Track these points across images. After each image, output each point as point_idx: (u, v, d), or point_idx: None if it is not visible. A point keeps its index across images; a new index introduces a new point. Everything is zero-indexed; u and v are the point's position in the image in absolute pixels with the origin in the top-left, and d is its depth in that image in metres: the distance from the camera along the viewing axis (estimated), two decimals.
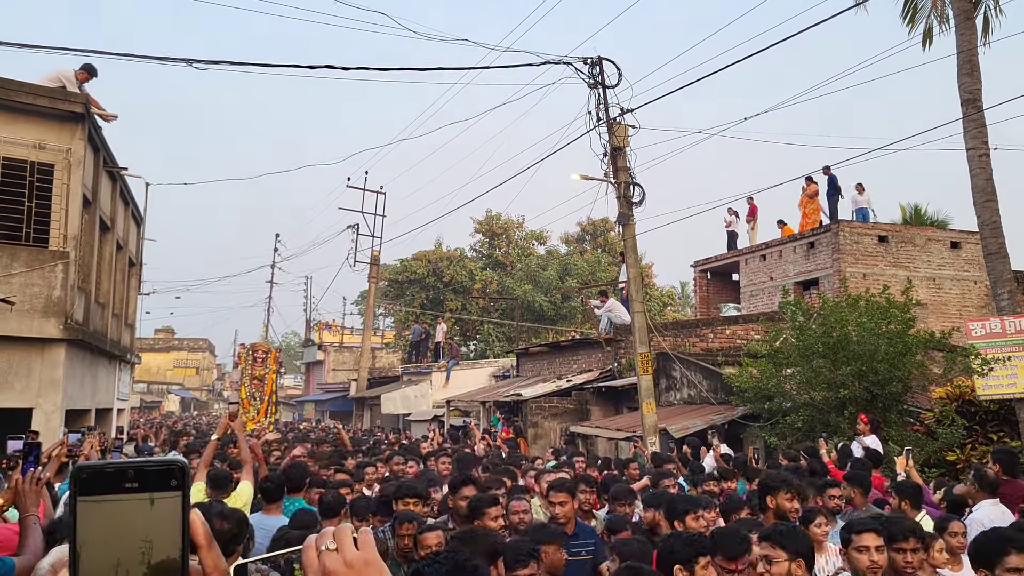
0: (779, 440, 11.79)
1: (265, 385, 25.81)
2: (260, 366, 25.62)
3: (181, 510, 0.97)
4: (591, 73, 14.40)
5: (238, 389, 25.95)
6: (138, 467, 0.97)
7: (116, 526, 0.95)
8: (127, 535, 0.95)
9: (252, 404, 25.47)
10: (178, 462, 1.00)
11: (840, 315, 11.74)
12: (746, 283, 23.04)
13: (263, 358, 25.98)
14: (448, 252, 44.07)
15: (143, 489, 0.96)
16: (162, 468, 0.98)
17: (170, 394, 62.79)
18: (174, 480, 0.98)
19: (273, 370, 26.44)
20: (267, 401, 25.79)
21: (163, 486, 0.97)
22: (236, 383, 27.34)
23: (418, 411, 26.81)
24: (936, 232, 20.80)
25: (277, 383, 27.48)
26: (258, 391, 25.61)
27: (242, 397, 25.27)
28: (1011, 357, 10.52)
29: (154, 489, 0.97)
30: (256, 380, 25.61)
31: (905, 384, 11.46)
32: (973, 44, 12.10)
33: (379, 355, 43.30)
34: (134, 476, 0.96)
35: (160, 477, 0.97)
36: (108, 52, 12.69)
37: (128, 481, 0.96)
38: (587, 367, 20.10)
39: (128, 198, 19.02)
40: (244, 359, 26.01)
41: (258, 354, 26.06)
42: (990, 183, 11.54)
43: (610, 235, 44.58)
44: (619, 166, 14.20)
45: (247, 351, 26.25)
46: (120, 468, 0.97)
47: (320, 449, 13.08)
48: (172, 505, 0.97)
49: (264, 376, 25.67)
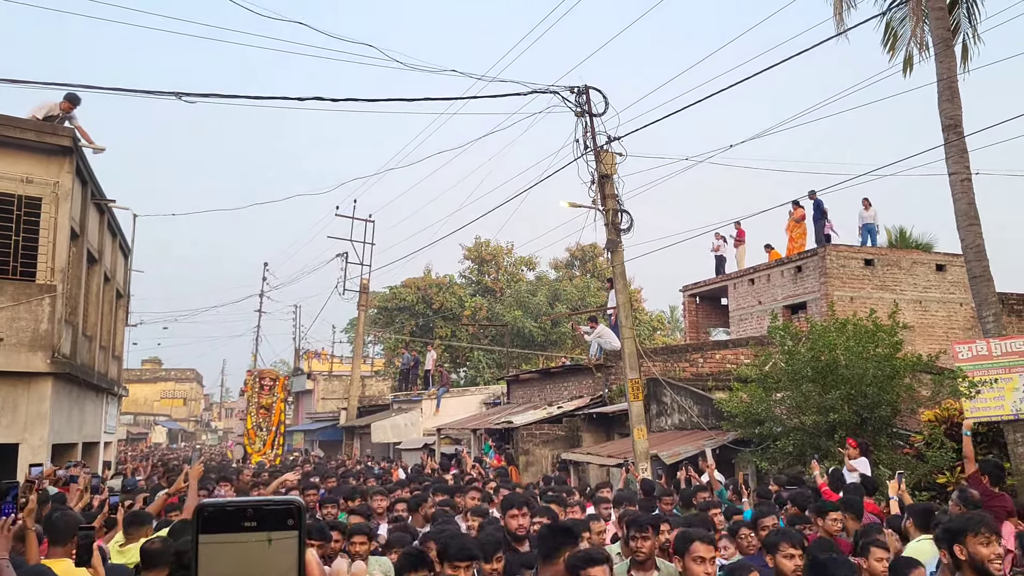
0: (770, 465, 11.79)
1: (273, 414, 25.24)
2: (267, 394, 25.04)
3: (297, 549, 1.00)
4: (578, 102, 14.53)
5: (243, 418, 25.29)
6: (257, 506, 1.00)
7: (235, 564, 0.97)
8: (245, 572, 0.97)
9: (258, 435, 24.93)
10: (295, 502, 1.02)
11: (828, 339, 11.79)
12: (735, 307, 23.13)
13: (271, 385, 25.40)
14: (437, 279, 44.10)
15: (261, 528, 0.99)
16: (280, 507, 1.01)
17: (157, 425, 62.29)
18: (291, 519, 1.01)
19: (281, 398, 25.66)
20: (274, 432, 25.18)
21: (280, 525, 1.00)
22: (242, 412, 26.38)
23: (408, 439, 26.64)
24: (921, 255, 20.97)
25: (286, 412, 26.49)
26: (265, 420, 25.00)
27: (248, 427, 24.71)
28: (998, 379, 10.58)
29: (272, 528, 0.99)
30: (263, 409, 25.01)
31: (894, 407, 11.50)
32: (953, 71, 12.29)
33: (369, 383, 43.13)
34: (253, 515, 0.99)
35: (278, 516, 1.00)
36: (97, 86, 12.74)
37: (247, 520, 0.99)
38: (578, 393, 20.08)
39: (115, 230, 19.00)
40: (251, 387, 25.30)
41: (265, 381, 25.43)
42: (973, 207, 11.67)
43: (599, 260, 44.73)
44: (607, 193, 14.29)
45: (254, 378, 25.50)
46: (240, 507, 1.00)
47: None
48: (289, 544, 1.00)
49: (272, 405, 25.13)
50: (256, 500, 1.02)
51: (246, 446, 24.83)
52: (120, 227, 19.49)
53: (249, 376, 26.17)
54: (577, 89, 14.60)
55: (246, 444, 24.88)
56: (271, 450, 24.72)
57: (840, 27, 13.53)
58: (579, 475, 16.74)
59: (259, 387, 25.50)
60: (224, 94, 13.66)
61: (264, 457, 23.09)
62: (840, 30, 13.46)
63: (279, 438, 25.92)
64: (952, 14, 13.37)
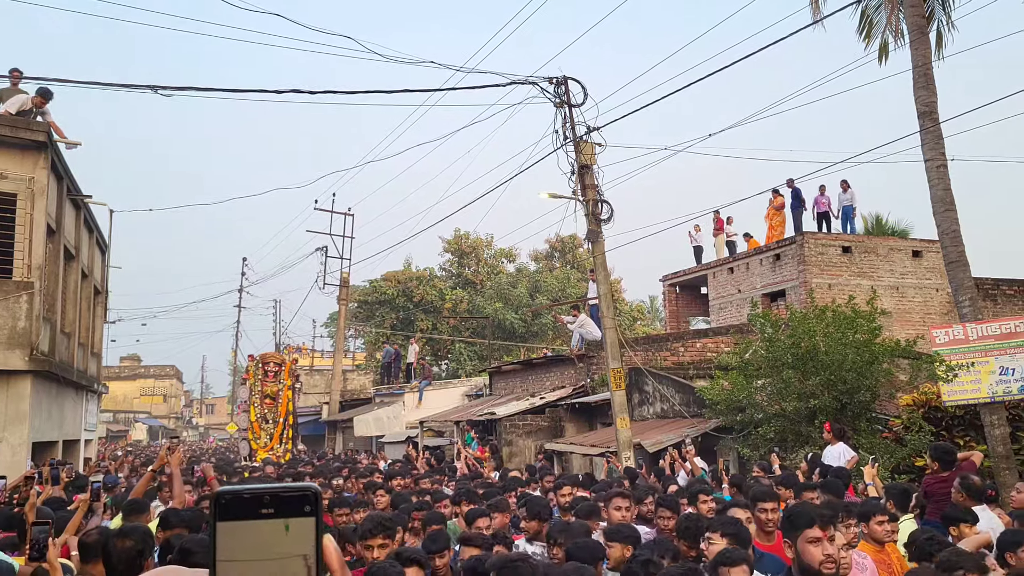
0: (751, 451, 11.90)
1: (279, 404, 22.32)
2: (272, 381, 22.19)
3: (315, 535, 1.01)
4: (557, 92, 14.54)
5: (247, 410, 22.45)
6: (274, 493, 1.01)
7: (253, 549, 0.98)
8: (263, 558, 0.98)
9: (263, 428, 21.99)
10: (312, 488, 1.03)
11: (808, 326, 11.90)
12: (715, 296, 23.27)
13: (276, 371, 22.49)
14: (418, 272, 44.02)
15: (279, 514, 1.00)
16: (297, 494, 1.02)
17: (137, 423, 61.80)
18: (308, 506, 1.01)
19: (288, 385, 22.73)
20: (282, 423, 22.24)
21: (298, 511, 1.01)
22: (244, 403, 22.87)
23: (391, 433, 26.60)
24: (898, 242, 21.18)
25: (295, 400, 23.46)
26: (271, 411, 22.11)
27: (251, 420, 22.08)
28: (974, 363, 10.73)
29: (289, 514, 1.00)
30: (268, 399, 22.14)
31: (873, 392, 11.64)
32: (928, 58, 12.40)
33: (351, 377, 43.01)
34: (270, 501, 1.00)
35: (295, 503, 1.01)
36: (72, 80, 12.60)
37: (264, 507, 1.00)
38: (560, 384, 20.14)
39: (92, 226, 18.81)
40: (252, 374, 22.51)
41: (269, 367, 22.52)
42: (948, 193, 11.80)
43: (579, 251, 44.81)
44: (587, 184, 14.32)
45: (256, 364, 22.71)
46: (257, 494, 1.01)
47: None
48: (306, 530, 1.01)
49: (278, 393, 22.26)
50: (273, 487, 1.03)
51: (251, 441, 22.08)
52: (97, 223, 19.30)
53: (251, 362, 23.01)
54: (556, 80, 14.61)
55: (250, 439, 22.10)
56: (279, 445, 21.85)
57: (817, 15, 13.63)
58: (563, 465, 16.80)
59: (262, 373, 22.37)
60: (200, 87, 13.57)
61: (272, 453, 20.81)
62: (817, 18, 13.55)
63: (288, 430, 22.55)
64: (926, 2, 13.49)
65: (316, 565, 1.00)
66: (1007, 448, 10.57)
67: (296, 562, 0.99)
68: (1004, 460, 10.48)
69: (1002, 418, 10.79)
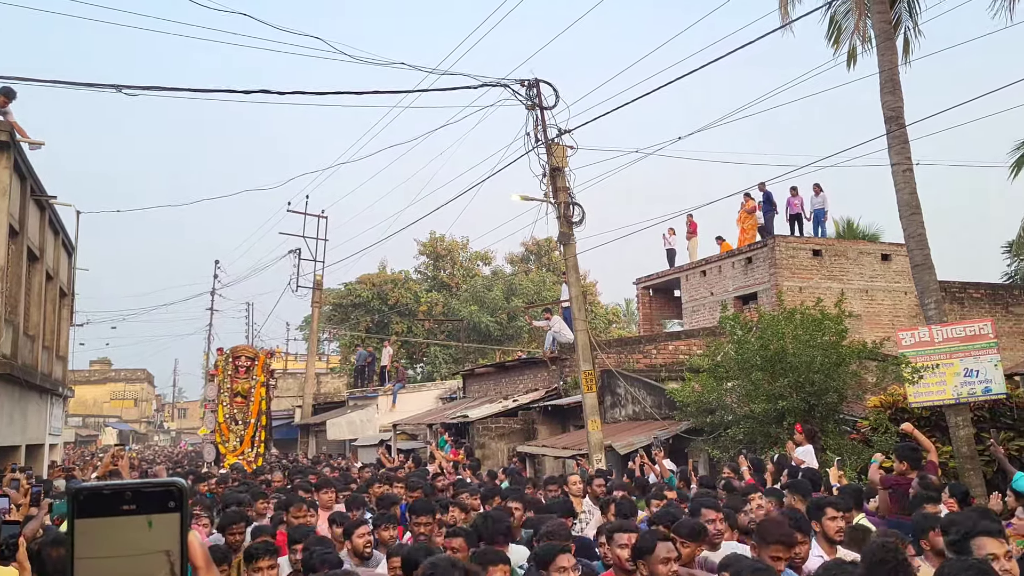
0: (721, 453, 11.95)
1: (251, 403, 19.87)
2: (244, 377, 19.81)
3: (180, 531, 0.98)
4: (528, 95, 14.52)
5: (214, 410, 20.13)
6: (136, 489, 0.98)
7: (113, 547, 0.96)
8: (124, 556, 0.96)
9: (232, 430, 19.52)
10: (177, 483, 1.01)
11: (777, 328, 11.97)
12: (687, 299, 23.36)
13: (247, 366, 20.09)
14: (392, 275, 43.81)
15: (141, 511, 0.98)
16: (159, 490, 0.99)
17: (107, 427, 60.98)
18: (172, 502, 0.99)
19: (262, 381, 20.40)
20: (253, 424, 19.79)
21: (161, 508, 0.98)
22: (212, 403, 20.56)
23: (364, 436, 26.45)
24: (867, 245, 21.39)
25: (269, 398, 21.12)
26: (241, 411, 19.66)
27: (219, 421, 19.69)
28: (939, 364, 10.84)
29: (152, 511, 0.98)
30: (239, 397, 19.71)
31: (841, 394, 11.72)
32: (894, 64, 12.52)
33: (324, 380, 42.70)
34: (132, 498, 0.97)
35: (158, 499, 0.99)
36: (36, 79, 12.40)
37: (126, 503, 0.97)
38: (533, 386, 20.12)
39: (58, 227, 18.54)
40: (221, 369, 20.18)
41: (241, 362, 20.09)
42: (914, 197, 11.91)
43: (554, 255, 44.81)
44: (558, 186, 14.32)
45: (225, 358, 20.37)
46: (118, 490, 0.98)
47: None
48: (170, 526, 0.98)
49: (250, 391, 19.88)
50: (135, 482, 1.00)
51: (218, 444, 19.85)
52: (63, 224, 19.02)
53: (220, 355, 20.76)
54: (528, 82, 14.59)
55: (218, 442, 19.86)
56: (250, 448, 19.47)
57: (785, 19, 13.72)
58: (535, 467, 16.78)
59: (232, 369, 19.91)
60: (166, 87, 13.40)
61: (242, 458, 18.61)
62: (785, 22, 13.64)
63: (260, 432, 20.00)
64: (894, 8, 13.62)
65: (181, 561, 0.98)
66: (971, 449, 10.67)
67: (158, 558, 0.97)
68: (969, 461, 10.59)
69: (967, 419, 10.89)
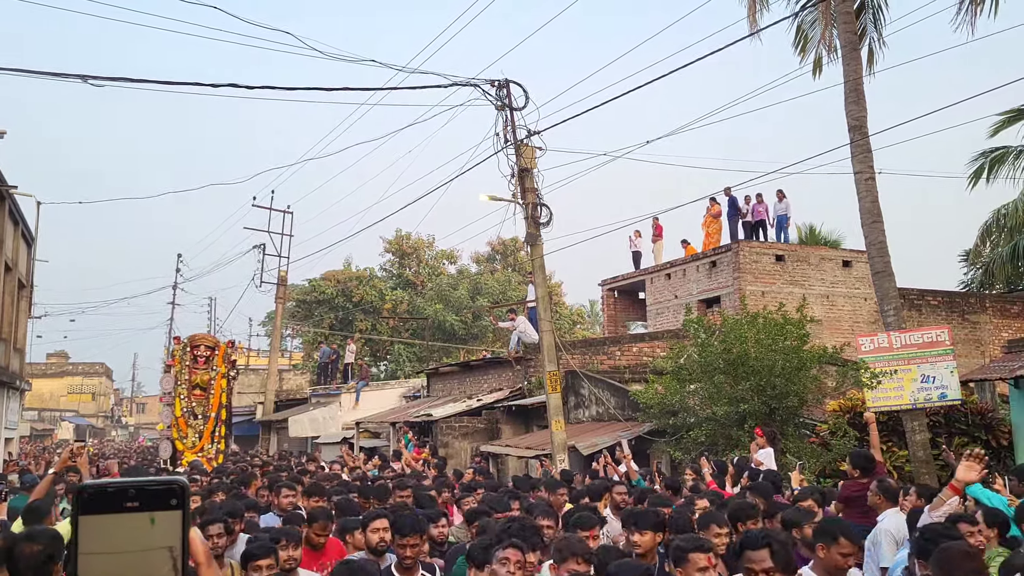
0: (683, 454, 12.07)
1: (211, 396, 18.60)
2: (203, 368, 18.49)
3: (181, 528, 1.00)
4: (498, 95, 14.54)
5: (171, 403, 18.65)
6: (139, 486, 1.00)
7: (117, 543, 0.97)
8: (127, 552, 0.97)
9: (191, 425, 18.26)
10: (179, 481, 1.03)
11: (740, 332, 12.12)
12: (652, 301, 23.54)
13: (207, 356, 18.68)
14: (357, 272, 43.58)
15: (144, 508, 0.99)
16: (162, 487, 1.01)
17: (64, 421, 59.85)
18: (174, 499, 1.01)
19: (222, 373, 18.93)
20: (213, 419, 18.55)
21: (163, 505, 1.00)
22: (169, 395, 18.87)
23: (327, 433, 26.31)
24: (829, 251, 21.72)
25: (230, 390, 19.57)
26: (200, 404, 18.37)
27: (176, 415, 18.40)
28: (897, 370, 11.06)
29: (155, 508, 1.00)
30: (197, 389, 18.44)
31: (801, 398, 11.90)
32: (859, 74, 12.76)
33: (287, 377, 42.40)
34: (135, 495, 0.99)
35: (161, 496, 1.00)
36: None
37: (129, 500, 0.99)
38: (497, 386, 20.15)
39: (18, 217, 18.19)
40: (179, 359, 18.69)
41: (199, 351, 18.65)
42: (876, 205, 12.14)
43: (520, 255, 44.88)
44: (527, 187, 14.36)
45: (183, 347, 18.79)
46: (122, 487, 1.00)
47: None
48: (172, 523, 1.00)
49: (209, 383, 18.58)
50: (139, 480, 1.02)
51: (175, 440, 18.37)
52: (23, 215, 18.67)
53: (177, 345, 19.08)
54: (498, 83, 14.61)
55: (175, 438, 18.38)
56: (210, 444, 18.22)
57: (753, 27, 13.90)
58: (498, 467, 16.81)
59: (191, 359, 18.50)
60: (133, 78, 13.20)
61: (201, 455, 17.49)
62: (753, 30, 13.82)
63: (221, 427, 18.72)
64: (859, 19, 13.87)
65: (182, 557, 1.00)
66: (927, 453, 10.91)
67: (161, 554, 0.99)
68: (924, 465, 10.82)
69: (923, 424, 11.14)
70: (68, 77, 11.13)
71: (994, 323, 21.96)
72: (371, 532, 5.27)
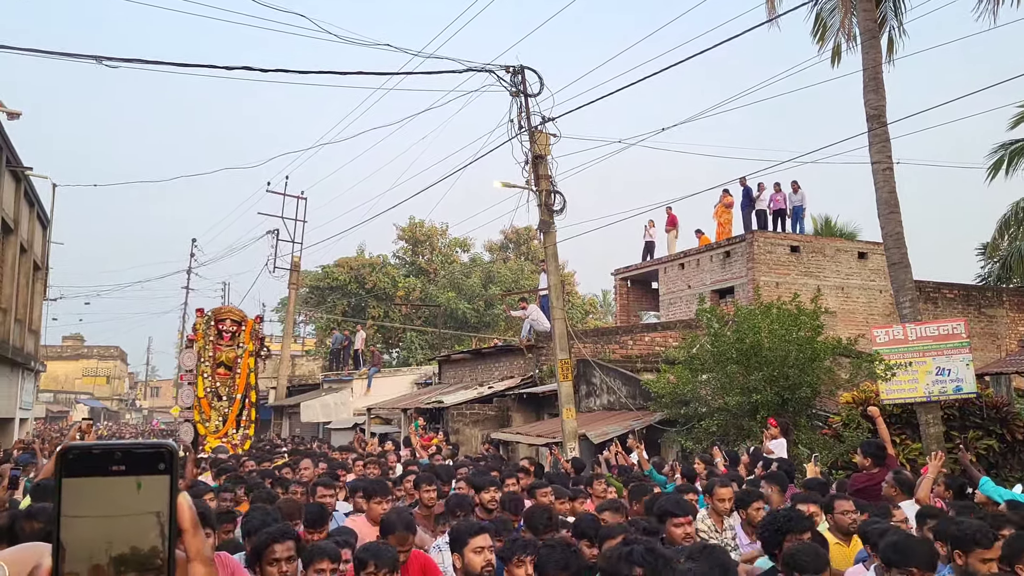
0: (695, 444, 12.03)
1: (237, 375, 16.62)
2: (228, 344, 16.51)
3: (169, 493, 0.98)
4: (513, 81, 14.46)
5: (193, 382, 16.60)
6: (126, 449, 0.98)
7: (101, 507, 0.95)
8: (112, 517, 0.95)
9: (215, 407, 16.37)
10: (167, 445, 1.00)
11: (753, 322, 12.04)
12: (665, 291, 23.45)
13: (233, 332, 16.63)
14: (371, 259, 43.62)
15: (130, 472, 0.97)
16: (150, 451, 0.99)
17: (78, 403, 60.35)
18: (162, 463, 0.98)
19: (250, 350, 16.90)
20: (240, 400, 16.61)
21: (151, 469, 0.98)
22: (190, 373, 16.78)
23: (339, 419, 26.42)
24: (845, 243, 21.56)
25: (257, 370, 17.65)
26: (225, 384, 16.46)
27: (199, 396, 16.42)
28: (912, 363, 10.96)
29: (142, 472, 0.97)
30: (222, 368, 16.41)
31: (814, 389, 11.82)
32: (878, 62, 12.59)
33: (299, 363, 42.54)
34: (122, 458, 0.97)
35: (148, 460, 0.98)
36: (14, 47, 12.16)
37: (115, 463, 0.97)
38: (508, 374, 20.13)
39: (33, 199, 18.27)
40: (202, 334, 16.53)
41: (225, 326, 16.55)
42: (893, 196, 12.01)
43: (533, 243, 44.79)
44: (540, 174, 14.29)
45: (206, 321, 16.64)
46: (107, 450, 0.97)
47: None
48: (160, 488, 0.98)
49: (236, 360, 16.59)
50: (126, 443, 0.99)
51: (197, 424, 16.44)
52: (39, 197, 18.75)
53: (200, 318, 16.90)
54: (513, 69, 14.52)
55: (197, 421, 16.48)
56: (235, 429, 16.41)
57: (772, 14, 13.75)
58: (508, 454, 16.81)
59: (215, 334, 16.44)
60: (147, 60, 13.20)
61: (226, 440, 15.98)
62: (771, 16, 13.67)
63: (249, 411, 16.79)
64: (879, 7, 13.70)
65: (169, 523, 0.97)
66: (941, 447, 10.80)
67: (147, 519, 0.96)
68: None
69: (937, 417, 11.04)
70: (82, 57, 11.13)
71: (1011, 317, 21.76)
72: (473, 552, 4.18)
